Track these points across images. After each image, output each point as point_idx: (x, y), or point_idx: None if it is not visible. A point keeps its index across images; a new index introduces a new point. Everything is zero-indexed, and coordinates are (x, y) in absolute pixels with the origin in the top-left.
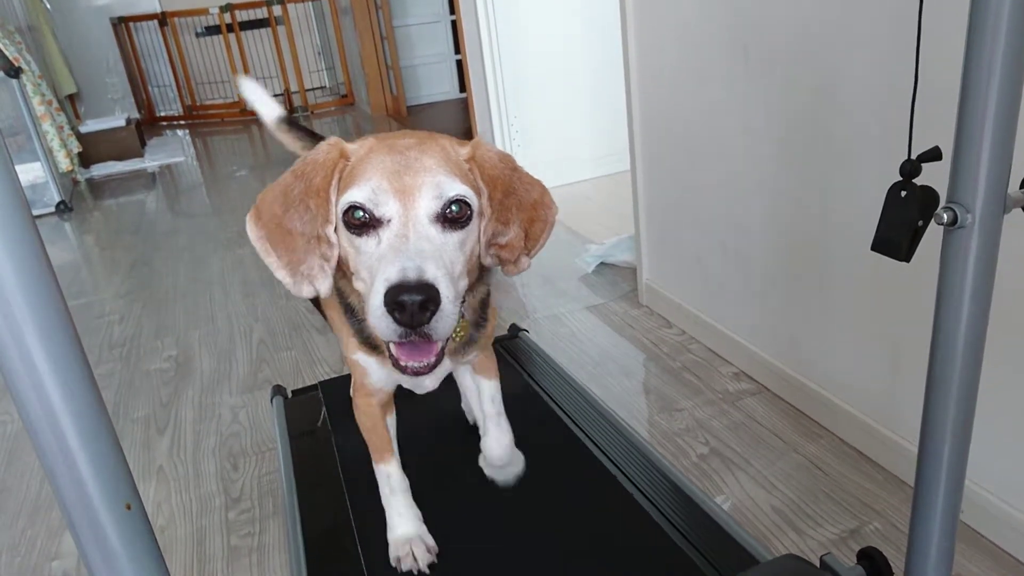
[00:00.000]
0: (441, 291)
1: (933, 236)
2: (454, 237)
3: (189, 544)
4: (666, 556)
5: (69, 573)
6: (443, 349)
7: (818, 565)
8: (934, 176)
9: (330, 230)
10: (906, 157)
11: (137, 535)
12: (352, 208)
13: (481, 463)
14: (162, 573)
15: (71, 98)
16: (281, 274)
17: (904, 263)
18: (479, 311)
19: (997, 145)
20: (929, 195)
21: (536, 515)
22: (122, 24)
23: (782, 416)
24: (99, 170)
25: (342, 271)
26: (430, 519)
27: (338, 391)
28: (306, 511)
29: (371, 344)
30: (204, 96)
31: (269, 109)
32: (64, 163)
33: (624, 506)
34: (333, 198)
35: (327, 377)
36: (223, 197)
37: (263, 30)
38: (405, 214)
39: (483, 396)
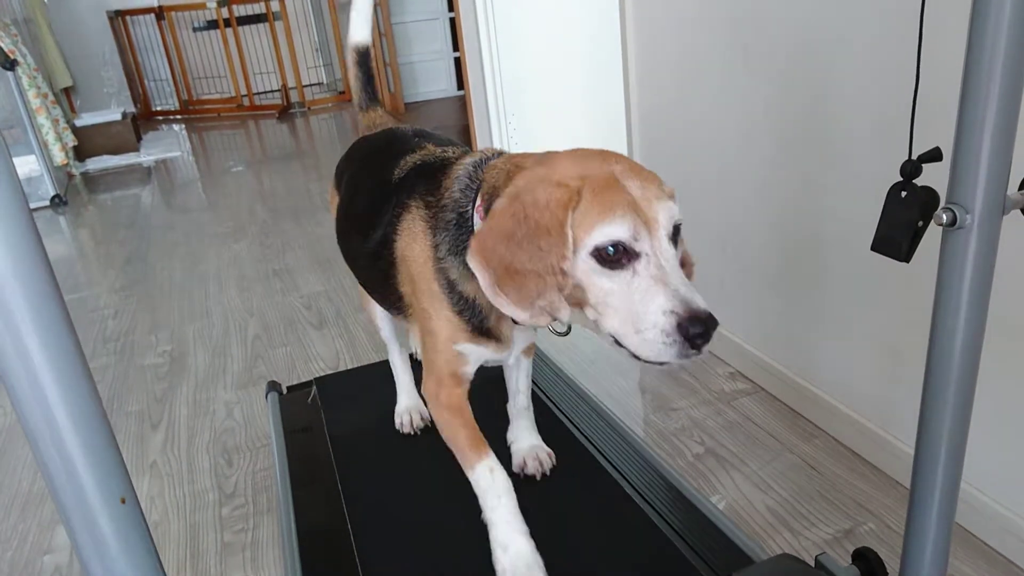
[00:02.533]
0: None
1: (931, 237)
2: (678, 255)
3: (182, 539)
4: (661, 555)
5: (61, 567)
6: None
7: (813, 565)
8: (934, 177)
9: (568, 264)
10: (906, 158)
11: (131, 529)
12: (607, 244)
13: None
14: (156, 567)
15: (67, 91)
16: (510, 310)
17: (902, 263)
18: None
19: (997, 147)
20: (929, 195)
21: (531, 513)
22: (119, 18)
23: (777, 416)
24: (94, 164)
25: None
26: (412, 507)
27: (333, 387)
28: (300, 507)
29: (483, 332)
30: (200, 91)
31: (363, 29)
32: (59, 157)
33: (619, 505)
34: (569, 234)
35: (322, 373)
36: (219, 192)
37: (261, 25)
38: (652, 244)
39: (521, 370)
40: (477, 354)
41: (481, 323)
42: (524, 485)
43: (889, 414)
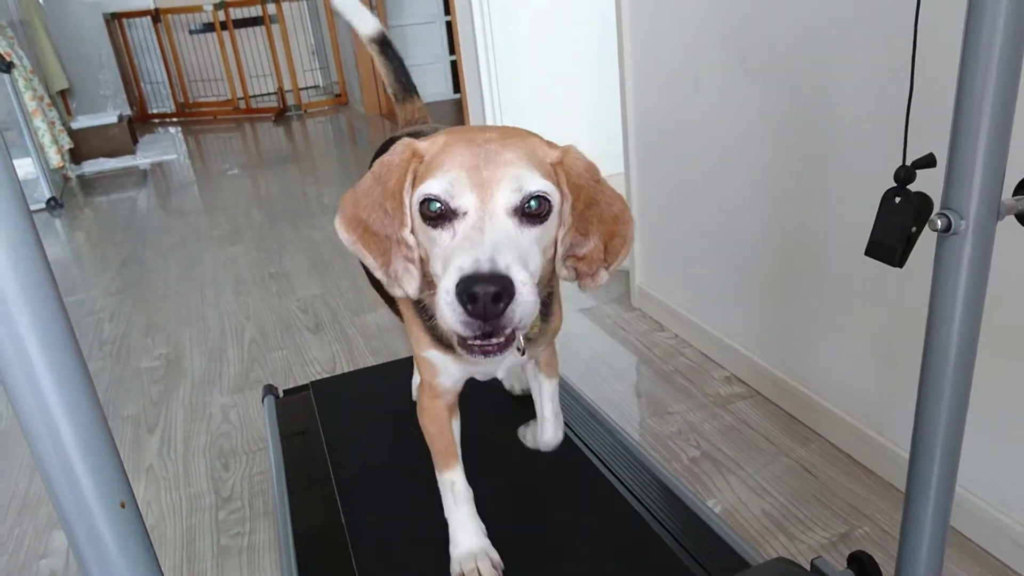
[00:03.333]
0: (515, 279)
1: (925, 242)
2: (531, 232)
3: (179, 543)
4: (657, 559)
5: (57, 571)
6: (514, 332)
7: (808, 569)
8: (928, 183)
9: (407, 233)
10: (901, 163)
11: (131, 533)
12: (427, 200)
13: (523, 437)
14: (155, 571)
15: (63, 94)
16: (379, 274)
17: (897, 268)
18: (548, 305)
19: (991, 152)
20: (923, 201)
21: (527, 516)
22: (115, 20)
23: (773, 420)
24: (90, 167)
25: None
26: (409, 511)
27: (330, 391)
28: (296, 511)
29: (444, 341)
30: (197, 93)
31: (364, 23)
32: (55, 159)
33: (615, 509)
34: (407, 200)
35: (318, 377)
36: (215, 195)
37: (257, 28)
38: (482, 207)
39: (544, 394)
40: (448, 366)
41: (435, 325)
42: (518, 487)
43: (884, 418)
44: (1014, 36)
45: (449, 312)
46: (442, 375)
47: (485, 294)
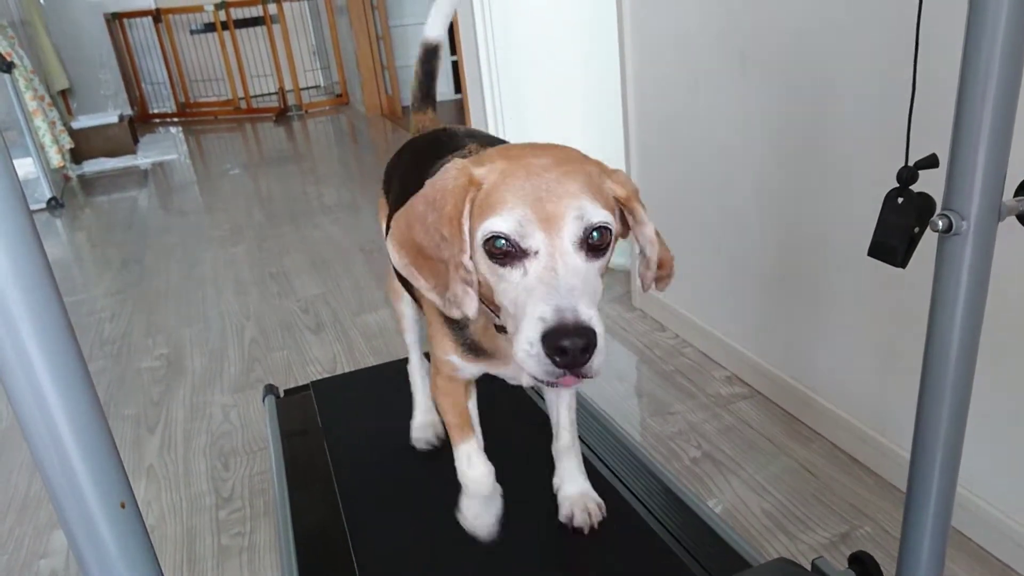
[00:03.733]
0: (597, 331)
1: (927, 243)
2: (596, 265)
3: (179, 543)
4: (658, 559)
5: (57, 571)
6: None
7: (809, 569)
8: (930, 183)
9: (466, 258)
10: (903, 164)
11: (131, 533)
12: (494, 238)
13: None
14: (155, 571)
15: (63, 94)
16: (431, 296)
17: (898, 269)
18: None
19: (992, 153)
20: (925, 202)
21: (528, 517)
22: (116, 20)
23: (774, 420)
24: (91, 166)
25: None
26: (409, 510)
27: (330, 391)
28: (297, 511)
29: (472, 349)
30: (198, 93)
31: (434, 26)
32: (56, 159)
33: (616, 508)
34: (466, 226)
35: (319, 377)
36: (216, 195)
37: (258, 28)
38: (551, 243)
39: (561, 406)
40: (470, 369)
41: (466, 337)
42: (519, 487)
43: (885, 418)
44: (1015, 37)
45: (533, 363)
46: (462, 373)
47: (575, 348)
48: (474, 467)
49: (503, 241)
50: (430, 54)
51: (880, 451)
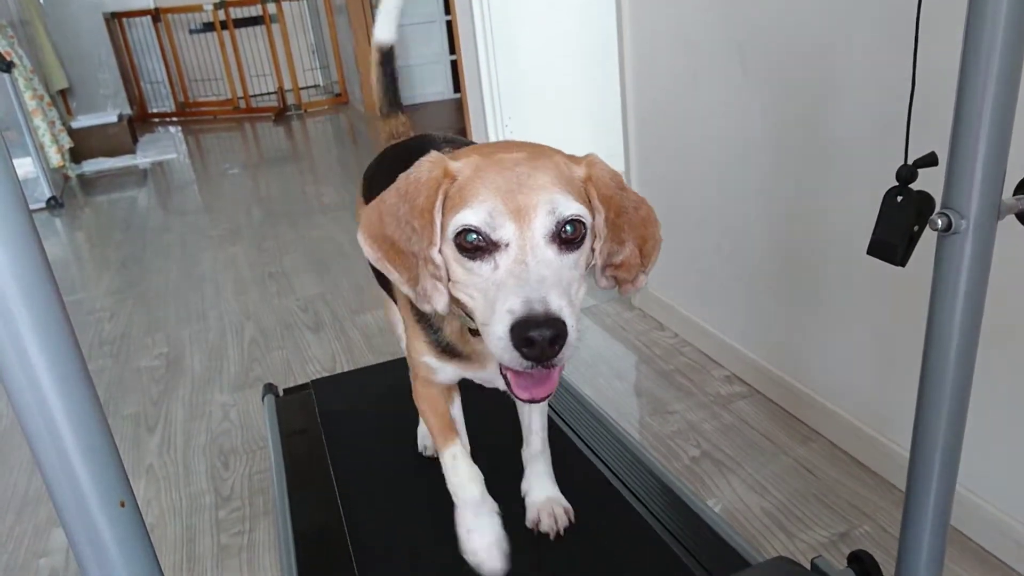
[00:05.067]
0: (568, 323)
1: (926, 241)
2: (570, 258)
3: (179, 542)
4: (657, 558)
5: (57, 570)
6: (559, 371)
7: (808, 568)
8: (930, 181)
9: (435, 252)
10: (902, 162)
11: (131, 532)
12: (465, 231)
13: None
14: (155, 570)
15: (63, 93)
16: (405, 289)
17: (898, 267)
18: None
19: (991, 152)
20: (925, 200)
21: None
22: (115, 19)
23: (773, 419)
24: (90, 166)
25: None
26: (409, 510)
27: (330, 390)
28: (296, 510)
29: (446, 351)
30: (197, 93)
31: (384, 29)
32: (55, 159)
33: (615, 508)
34: (438, 219)
35: (319, 376)
36: (215, 195)
37: (257, 28)
38: (521, 236)
39: (534, 411)
40: (445, 371)
41: (440, 339)
42: (518, 486)
43: (885, 417)
44: (1015, 36)
45: (504, 353)
46: (438, 375)
47: (543, 339)
48: (459, 472)
49: (474, 236)
50: (386, 57)
51: (880, 450)
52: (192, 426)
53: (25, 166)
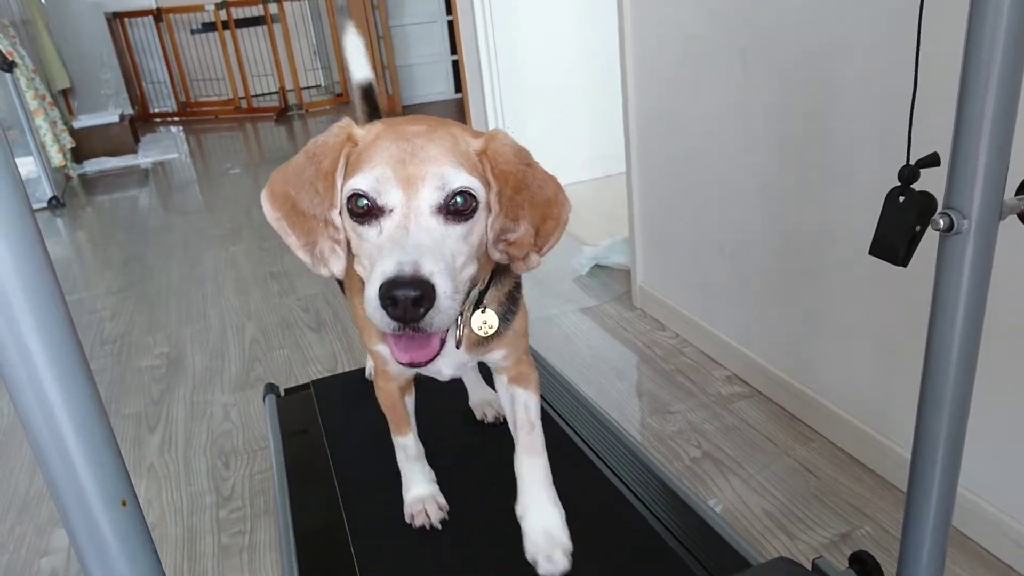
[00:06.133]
0: (438, 286)
1: (928, 242)
2: (457, 230)
3: (179, 542)
4: (657, 558)
5: (58, 569)
6: (443, 342)
7: (810, 569)
8: (932, 182)
9: (335, 214)
10: (904, 162)
11: (132, 532)
12: (355, 195)
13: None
14: (156, 570)
15: (64, 93)
16: (300, 254)
17: (899, 268)
18: (506, 304)
19: (993, 152)
20: (927, 200)
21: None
22: (117, 19)
23: (774, 420)
24: (92, 166)
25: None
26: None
27: (331, 390)
28: (298, 510)
29: None
30: (199, 93)
31: (359, 68)
32: (57, 158)
33: (616, 508)
34: (339, 183)
35: (320, 376)
36: (216, 194)
37: (259, 28)
38: (407, 204)
39: (516, 406)
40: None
41: None
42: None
43: (886, 418)
44: (1016, 36)
45: (374, 313)
46: (391, 365)
47: (405, 298)
48: (407, 448)
49: (364, 201)
50: (367, 92)
51: (880, 450)
52: (193, 426)
53: (27, 166)
